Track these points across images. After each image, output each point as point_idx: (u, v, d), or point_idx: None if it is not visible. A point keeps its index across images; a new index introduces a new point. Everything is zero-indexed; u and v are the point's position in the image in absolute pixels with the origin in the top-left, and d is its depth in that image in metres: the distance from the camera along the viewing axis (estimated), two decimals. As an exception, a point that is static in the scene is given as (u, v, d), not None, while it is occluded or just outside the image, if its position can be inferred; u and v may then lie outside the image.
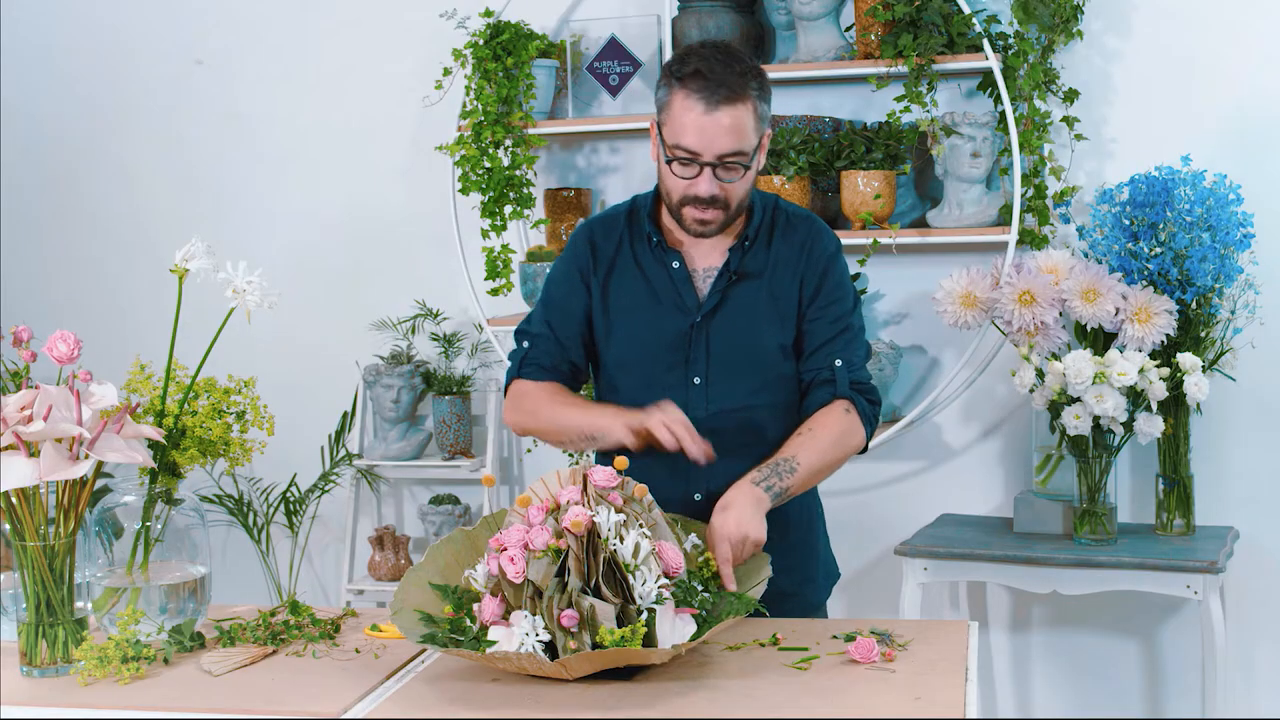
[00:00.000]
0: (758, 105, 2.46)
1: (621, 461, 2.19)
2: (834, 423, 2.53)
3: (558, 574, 2.06)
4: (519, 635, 2.04)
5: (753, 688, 2.07)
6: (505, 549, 2.09)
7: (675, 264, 2.59)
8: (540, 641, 2.04)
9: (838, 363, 2.57)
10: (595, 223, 2.69)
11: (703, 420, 2.51)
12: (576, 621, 2.03)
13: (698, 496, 2.55)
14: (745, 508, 2.36)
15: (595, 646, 2.04)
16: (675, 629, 2.09)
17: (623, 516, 2.12)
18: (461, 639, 2.12)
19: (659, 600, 2.09)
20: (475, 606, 2.15)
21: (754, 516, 2.35)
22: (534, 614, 2.05)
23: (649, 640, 2.06)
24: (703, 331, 2.57)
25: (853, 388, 2.57)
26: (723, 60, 2.45)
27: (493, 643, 2.07)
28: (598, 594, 2.06)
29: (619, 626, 2.05)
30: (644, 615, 2.06)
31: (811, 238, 2.61)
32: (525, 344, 2.67)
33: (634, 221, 2.65)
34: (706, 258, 2.60)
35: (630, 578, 2.08)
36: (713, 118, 2.42)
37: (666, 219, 2.62)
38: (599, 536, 2.08)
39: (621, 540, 2.10)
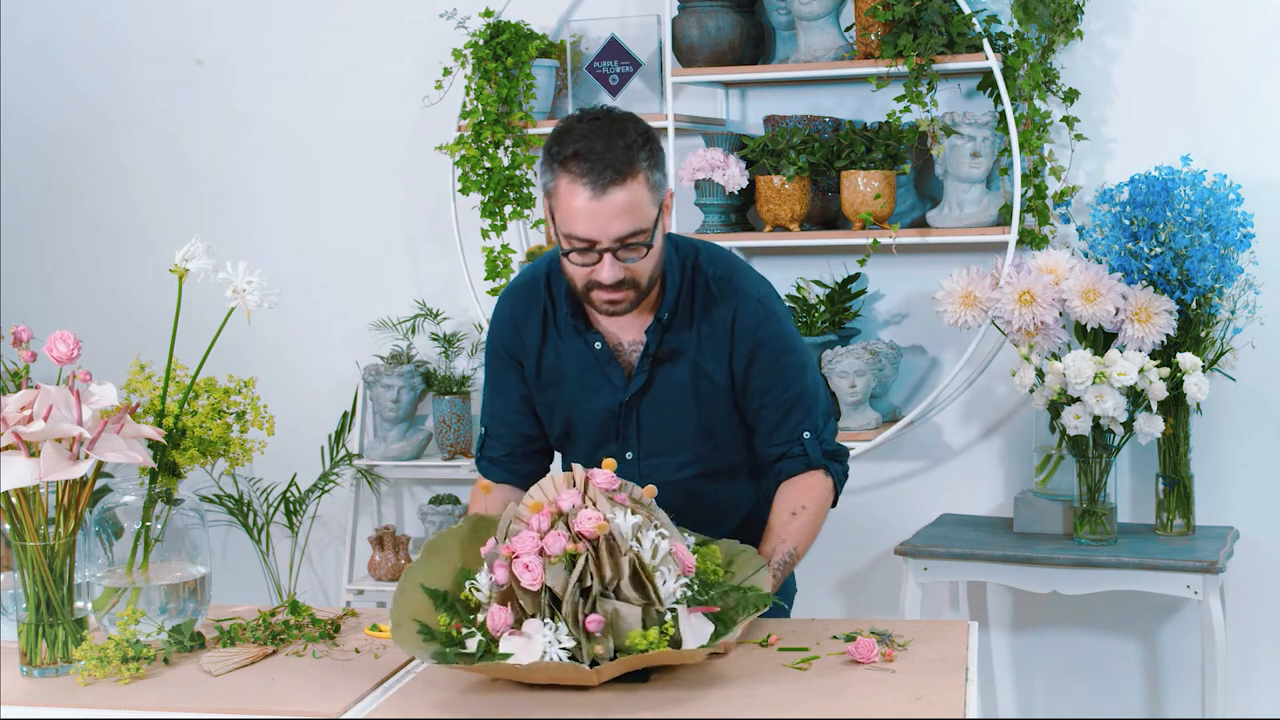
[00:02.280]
0: (650, 176, 2.29)
1: (610, 463, 2.16)
2: (820, 496, 2.49)
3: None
4: (540, 644, 2.01)
5: (753, 688, 2.07)
6: (517, 556, 2.05)
7: (598, 344, 2.48)
8: (563, 649, 2.01)
9: (806, 435, 2.50)
10: (514, 296, 2.56)
11: None
12: (602, 626, 2.02)
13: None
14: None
15: (616, 650, 2.03)
16: (695, 629, 2.09)
17: (639, 518, 2.11)
18: (468, 652, 2.07)
19: (681, 600, 2.09)
20: (475, 616, 2.12)
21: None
22: (553, 620, 2.02)
23: (673, 641, 2.06)
24: (632, 410, 2.51)
25: (824, 456, 2.52)
26: (604, 135, 2.27)
27: (506, 655, 2.02)
28: (617, 597, 2.05)
29: (643, 629, 2.04)
30: (668, 616, 2.06)
31: (733, 311, 2.46)
32: (483, 430, 2.65)
33: (553, 293, 2.51)
34: (628, 332, 2.49)
35: (654, 579, 2.07)
36: (603, 202, 2.25)
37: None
38: (613, 539, 2.07)
39: (638, 542, 2.09)
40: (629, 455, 2.54)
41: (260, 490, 4.32)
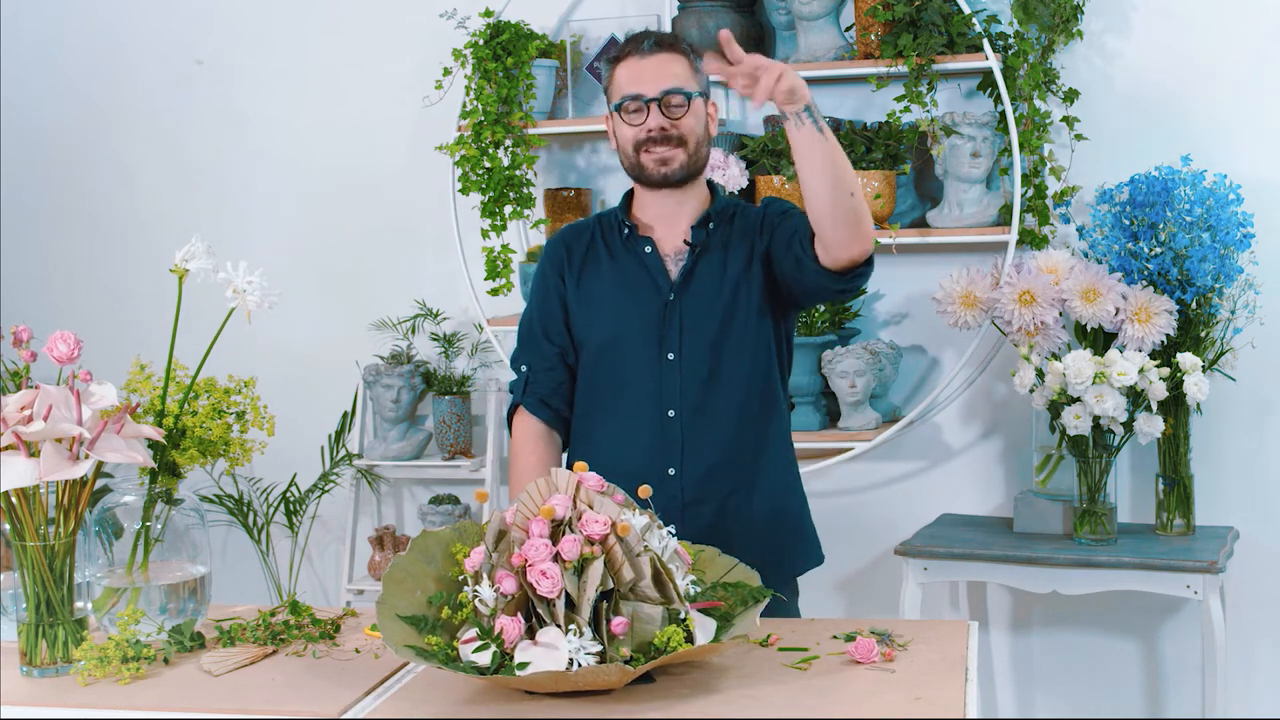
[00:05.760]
0: (691, 60, 2.68)
1: (580, 465, 2.14)
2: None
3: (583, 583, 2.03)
4: (565, 652, 1.98)
5: (753, 687, 2.07)
6: (531, 564, 2.02)
7: (648, 249, 2.73)
8: (590, 655, 1.98)
9: None
10: (567, 230, 2.85)
11: (675, 395, 2.66)
12: (627, 628, 2.02)
13: (671, 470, 2.67)
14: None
15: (637, 651, 2.02)
16: (702, 625, 2.09)
17: (645, 519, 2.11)
18: (481, 665, 2.02)
19: (695, 596, 2.09)
20: (462, 633, 2.08)
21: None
22: (573, 627, 1.99)
23: (688, 638, 2.06)
24: (675, 309, 2.70)
25: None
26: (649, 31, 2.74)
27: (523, 664, 1.98)
28: (635, 597, 2.05)
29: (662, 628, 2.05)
30: (683, 614, 2.06)
31: (764, 205, 2.77)
32: (524, 369, 2.80)
33: (604, 222, 2.80)
34: (676, 241, 2.73)
35: (675, 578, 2.07)
36: (648, 61, 2.66)
37: (637, 207, 2.77)
38: (626, 540, 2.06)
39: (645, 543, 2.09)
40: (670, 355, 2.69)
41: (260, 490, 4.32)
